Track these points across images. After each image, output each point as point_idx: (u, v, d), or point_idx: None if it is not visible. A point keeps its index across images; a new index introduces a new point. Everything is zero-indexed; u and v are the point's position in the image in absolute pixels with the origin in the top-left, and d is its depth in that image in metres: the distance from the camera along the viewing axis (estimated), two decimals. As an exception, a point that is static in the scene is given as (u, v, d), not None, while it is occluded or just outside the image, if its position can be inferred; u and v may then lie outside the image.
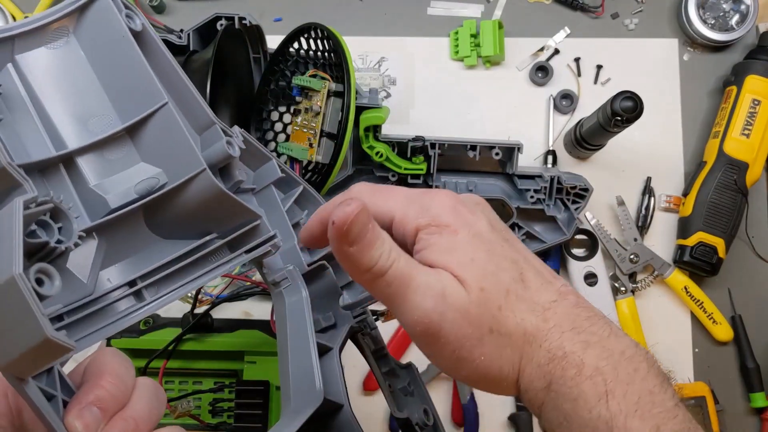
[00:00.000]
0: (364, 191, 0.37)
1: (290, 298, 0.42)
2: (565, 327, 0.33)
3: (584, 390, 0.32)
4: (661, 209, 0.79)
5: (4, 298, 0.26)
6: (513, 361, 0.33)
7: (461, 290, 0.33)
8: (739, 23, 0.79)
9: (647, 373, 0.33)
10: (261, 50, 0.71)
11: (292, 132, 0.67)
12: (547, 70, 0.80)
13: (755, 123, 0.75)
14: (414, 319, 0.33)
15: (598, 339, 0.33)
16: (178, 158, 0.34)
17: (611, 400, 0.31)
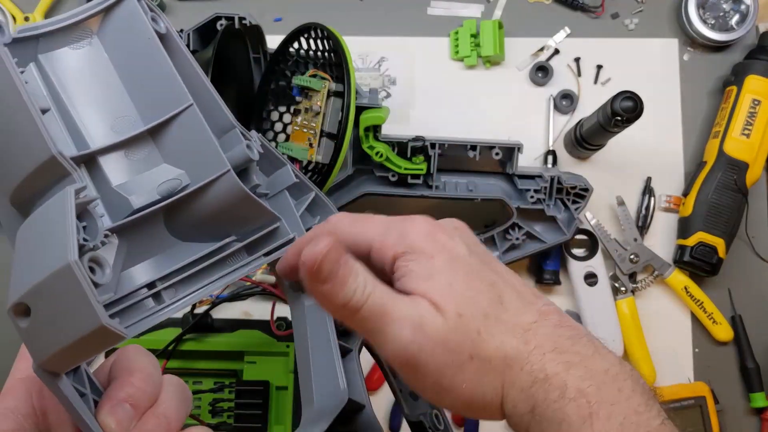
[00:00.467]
0: (341, 221, 0.36)
1: (310, 301, 0.43)
2: (547, 348, 0.33)
3: (568, 413, 0.31)
4: (661, 209, 0.79)
5: (58, 286, 0.27)
6: (495, 386, 0.33)
7: (438, 318, 0.32)
8: (739, 23, 0.79)
9: (632, 392, 0.32)
10: (261, 50, 0.71)
11: (292, 132, 0.67)
12: (547, 70, 0.80)
13: (755, 123, 0.75)
14: (393, 352, 0.33)
15: (580, 359, 0.33)
16: (202, 160, 0.34)
17: (596, 422, 0.31)
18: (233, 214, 0.36)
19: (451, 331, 0.32)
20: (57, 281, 0.27)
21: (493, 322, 0.33)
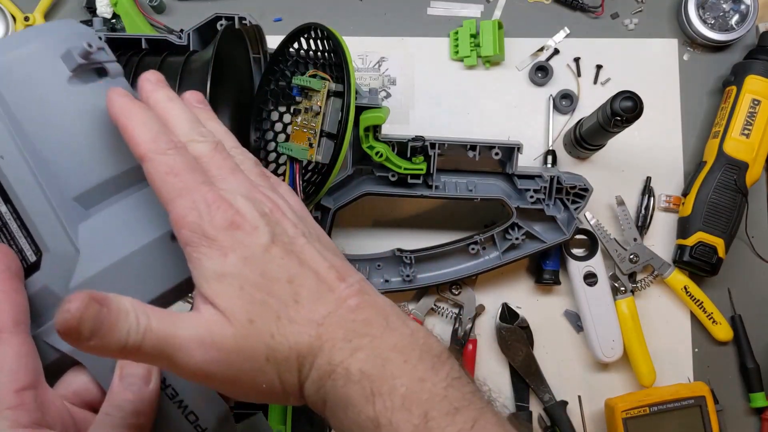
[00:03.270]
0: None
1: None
2: (338, 338, 0.33)
3: (352, 396, 0.32)
4: (660, 209, 0.79)
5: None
6: (293, 382, 0.33)
7: (228, 328, 0.32)
8: (738, 23, 0.79)
9: (418, 361, 0.33)
10: (261, 50, 0.71)
11: (291, 132, 0.67)
12: (547, 70, 0.80)
13: (755, 123, 0.75)
14: (186, 373, 0.32)
15: (369, 340, 0.33)
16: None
17: (377, 399, 0.31)
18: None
19: (243, 339, 0.32)
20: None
21: (286, 323, 0.33)
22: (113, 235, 0.35)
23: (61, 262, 0.34)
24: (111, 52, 0.37)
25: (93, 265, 0.34)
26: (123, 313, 0.30)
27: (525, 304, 0.78)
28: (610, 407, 0.74)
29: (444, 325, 0.77)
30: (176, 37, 0.67)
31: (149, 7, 0.81)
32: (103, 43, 0.36)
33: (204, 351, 0.31)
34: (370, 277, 0.75)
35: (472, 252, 0.74)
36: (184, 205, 0.33)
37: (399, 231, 0.79)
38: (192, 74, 0.62)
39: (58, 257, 0.34)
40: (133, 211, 0.36)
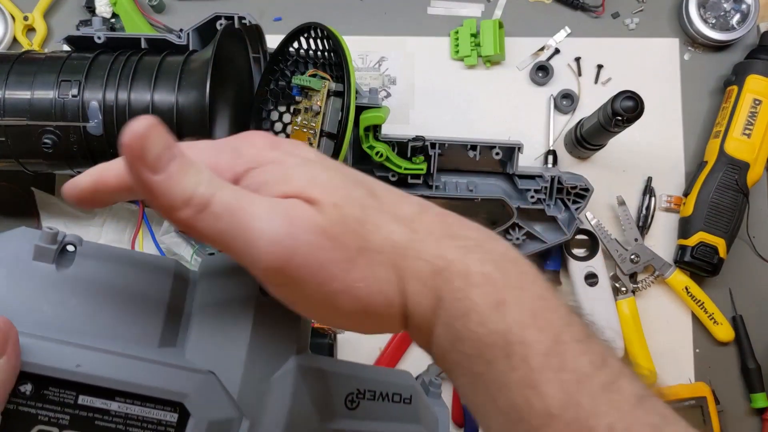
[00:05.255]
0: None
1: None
2: (438, 234, 0.28)
3: (475, 301, 0.27)
4: (661, 209, 0.79)
5: None
6: (392, 280, 0.28)
7: (311, 209, 0.27)
8: (739, 23, 0.79)
9: (536, 276, 0.28)
10: (261, 50, 0.71)
11: (292, 132, 0.67)
12: (548, 70, 0.80)
13: (756, 123, 0.75)
14: (263, 252, 0.26)
15: (475, 243, 0.28)
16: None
17: (505, 309, 0.27)
18: None
19: (332, 223, 0.27)
20: None
21: (373, 212, 0.28)
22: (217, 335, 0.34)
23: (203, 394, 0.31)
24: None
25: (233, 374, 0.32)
26: (196, 166, 0.26)
27: (525, 304, 0.78)
28: (610, 408, 0.73)
29: (444, 326, 0.77)
30: (176, 37, 0.67)
31: (149, 6, 0.80)
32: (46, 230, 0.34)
33: (284, 224, 0.26)
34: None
35: (473, 252, 0.74)
36: (215, 156, 0.29)
37: (399, 231, 0.79)
38: (192, 74, 0.62)
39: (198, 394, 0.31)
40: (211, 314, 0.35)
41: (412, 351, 0.77)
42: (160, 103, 0.61)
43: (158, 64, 0.63)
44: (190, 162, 0.26)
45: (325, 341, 0.68)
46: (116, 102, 0.61)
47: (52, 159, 0.64)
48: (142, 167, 0.25)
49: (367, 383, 0.36)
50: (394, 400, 0.36)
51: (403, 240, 0.28)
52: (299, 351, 0.33)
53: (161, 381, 0.31)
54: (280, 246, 0.26)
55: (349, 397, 0.35)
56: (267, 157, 0.29)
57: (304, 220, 0.26)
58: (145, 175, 0.25)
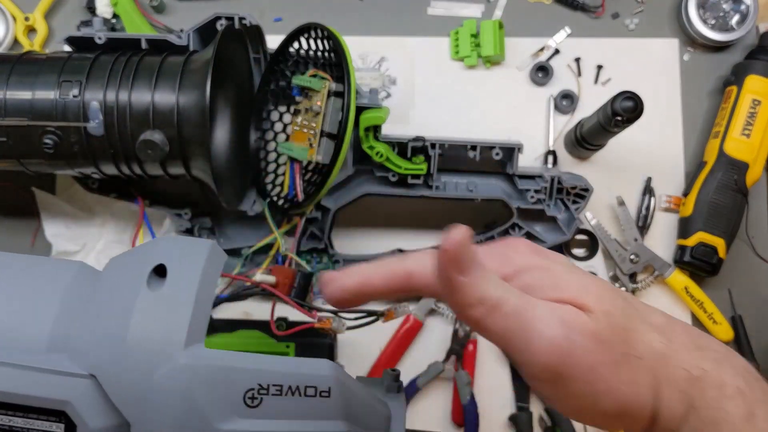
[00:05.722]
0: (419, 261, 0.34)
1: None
2: (690, 345, 0.31)
3: (729, 411, 0.29)
4: (661, 209, 0.79)
5: None
6: (650, 385, 0.30)
7: (585, 317, 0.30)
8: (739, 23, 0.79)
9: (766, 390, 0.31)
10: (261, 50, 0.71)
11: (292, 132, 0.67)
12: (548, 70, 0.80)
13: (755, 123, 0.75)
14: (540, 352, 0.30)
15: (723, 356, 0.31)
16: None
17: (755, 421, 0.29)
18: None
19: (603, 329, 0.30)
20: None
21: (635, 320, 0.31)
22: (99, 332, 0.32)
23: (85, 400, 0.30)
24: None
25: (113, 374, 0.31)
26: (489, 271, 0.30)
27: (525, 304, 0.78)
28: (610, 407, 0.74)
29: (444, 326, 0.77)
30: (176, 37, 0.67)
31: (149, 7, 0.80)
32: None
33: (562, 328, 0.29)
34: (371, 278, 0.75)
35: (473, 252, 0.74)
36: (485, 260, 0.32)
37: (399, 231, 0.79)
38: (192, 74, 0.62)
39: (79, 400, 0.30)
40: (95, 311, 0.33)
41: (411, 351, 0.77)
42: (160, 104, 0.61)
43: (159, 65, 0.63)
44: (486, 268, 0.30)
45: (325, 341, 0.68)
46: (117, 102, 0.61)
47: (53, 159, 0.64)
48: (453, 269, 0.29)
49: (272, 376, 0.31)
50: (307, 394, 0.32)
51: (662, 348, 0.31)
52: (189, 345, 0.31)
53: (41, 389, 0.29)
54: (557, 347, 0.29)
55: (248, 393, 0.31)
56: (533, 263, 0.33)
57: (580, 326, 0.30)
58: (454, 276, 0.30)
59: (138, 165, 0.64)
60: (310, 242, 0.74)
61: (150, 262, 0.32)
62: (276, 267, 0.66)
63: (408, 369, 0.77)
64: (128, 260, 0.34)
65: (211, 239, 0.35)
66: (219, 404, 0.31)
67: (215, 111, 0.72)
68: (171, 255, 0.33)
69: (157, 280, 0.32)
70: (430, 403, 0.76)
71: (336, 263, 0.75)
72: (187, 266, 0.32)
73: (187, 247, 0.34)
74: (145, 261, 0.32)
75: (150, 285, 0.31)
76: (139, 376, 0.30)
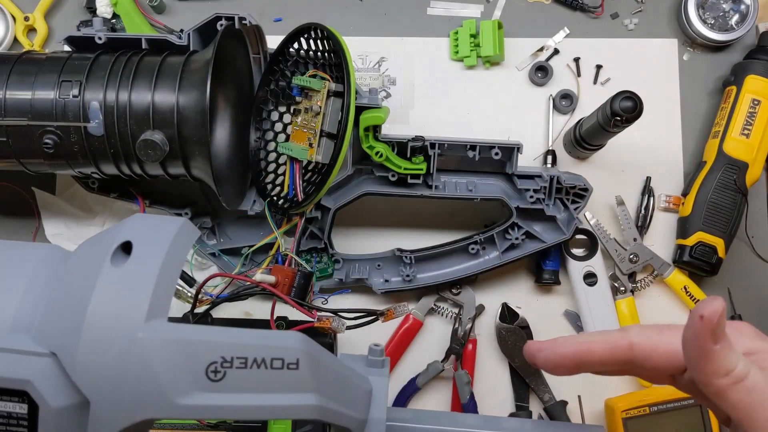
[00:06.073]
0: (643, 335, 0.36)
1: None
2: None
3: None
4: (660, 209, 0.79)
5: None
6: None
7: None
8: (738, 23, 0.79)
9: None
10: (261, 50, 0.71)
11: (292, 132, 0.67)
12: (547, 70, 0.80)
13: (755, 123, 0.75)
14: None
15: None
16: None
17: None
18: None
19: None
20: None
21: None
22: (60, 309, 0.32)
23: (45, 379, 0.30)
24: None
25: (72, 351, 0.30)
26: (731, 345, 0.32)
27: (525, 304, 0.78)
28: (610, 407, 0.74)
29: (444, 325, 0.78)
30: (176, 37, 0.67)
31: (149, 7, 0.81)
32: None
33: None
34: (370, 277, 0.75)
35: (472, 252, 0.74)
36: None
37: (399, 231, 0.79)
38: (192, 74, 0.62)
39: (40, 380, 0.29)
40: (60, 288, 0.33)
41: (411, 351, 0.77)
42: (160, 104, 0.61)
43: (159, 65, 0.63)
44: (730, 340, 0.31)
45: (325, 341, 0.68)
46: (117, 102, 0.62)
47: (53, 159, 0.64)
48: (710, 337, 0.30)
49: (236, 349, 0.30)
50: (274, 366, 0.31)
51: None
52: (150, 320, 0.30)
53: (1, 368, 0.29)
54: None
55: (211, 366, 0.30)
56: (758, 346, 0.34)
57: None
58: (707, 344, 0.31)
59: (138, 165, 0.64)
60: (310, 242, 0.74)
61: (116, 240, 0.32)
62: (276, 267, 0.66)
63: (408, 368, 0.77)
64: (97, 239, 0.34)
65: (183, 217, 0.34)
66: (179, 379, 0.29)
67: (215, 111, 0.72)
68: (138, 232, 0.32)
69: (122, 256, 0.31)
70: (430, 402, 0.76)
71: (336, 263, 0.75)
72: (152, 242, 0.32)
73: (156, 224, 0.33)
74: (112, 239, 0.32)
75: (114, 261, 0.31)
76: (97, 352, 0.29)
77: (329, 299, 0.75)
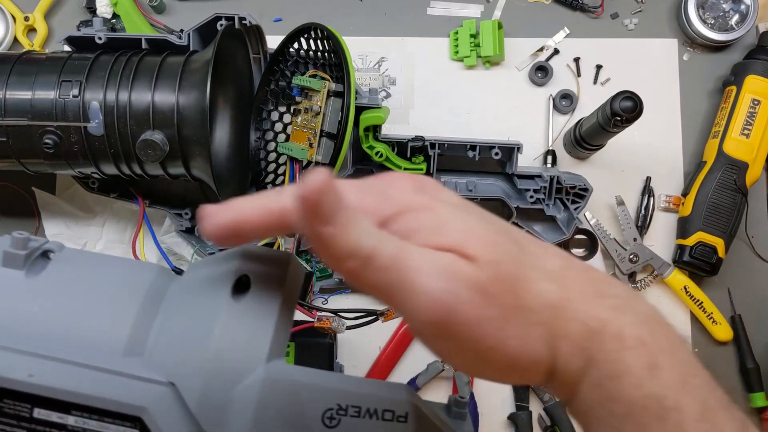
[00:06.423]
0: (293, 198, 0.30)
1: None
2: (588, 293, 0.28)
3: (630, 364, 0.27)
4: (660, 209, 0.79)
5: None
6: (544, 339, 0.28)
7: (471, 266, 0.27)
8: (738, 23, 0.79)
9: (680, 339, 0.28)
10: (261, 50, 0.71)
11: (292, 132, 0.67)
12: (547, 70, 0.80)
13: (755, 123, 0.75)
14: (423, 307, 0.26)
15: (624, 302, 0.29)
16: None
17: (659, 373, 0.27)
18: None
19: (489, 280, 0.27)
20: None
21: (526, 268, 0.28)
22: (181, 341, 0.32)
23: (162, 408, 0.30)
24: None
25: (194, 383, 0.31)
26: (359, 216, 0.26)
27: (525, 304, 0.78)
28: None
29: (444, 325, 0.77)
30: (176, 37, 0.67)
31: (149, 7, 0.81)
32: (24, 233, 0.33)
33: (447, 280, 0.26)
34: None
35: (472, 252, 0.74)
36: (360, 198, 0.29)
37: (399, 231, 0.79)
38: (192, 74, 0.62)
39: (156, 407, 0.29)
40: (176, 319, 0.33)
41: (411, 351, 0.77)
42: (160, 104, 0.61)
43: (159, 65, 0.63)
44: (355, 213, 0.26)
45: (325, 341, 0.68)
46: (117, 102, 0.62)
47: (53, 159, 0.64)
48: (315, 219, 0.25)
49: (351, 397, 0.30)
50: (384, 417, 0.31)
51: (556, 299, 0.28)
52: (271, 359, 0.30)
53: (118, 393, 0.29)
54: (440, 302, 0.26)
55: (327, 413, 0.30)
56: (415, 202, 0.29)
57: (464, 277, 0.27)
58: (317, 227, 0.26)
59: (138, 165, 0.64)
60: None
61: (233, 272, 0.32)
62: (276, 267, 0.66)
63: (407, 368, 0.77)
64: (210, 268, 0.34)
65: (289, 251, 0.34)
66: (297, 421, 0.30)
67: (215, 111, 0.72)
68: (254, 266, 0.32)
69: (240, 291, 0.32)
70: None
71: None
72: (269, 279, 0.32)
73: (269, 259, 0.33)
74: (228, 270, 0.32)
75: (234, 296, 0.31)
76: (220, 386, 0.29)
77: (329, 299, 0.75)
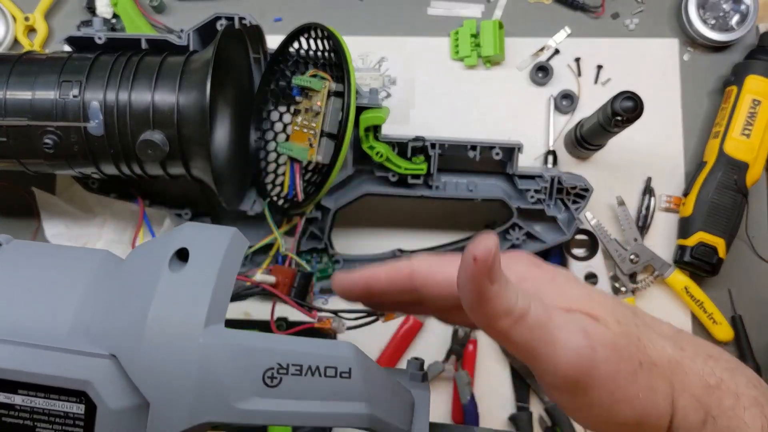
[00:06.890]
0: (423, 261, 0.34)
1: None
2: (702, 354, 0.31)
3: (746, 422, 0.29)
4: (661, 209, 0.79)
5: None
6: (667, 393, 0.30)
7: (601, 326, 0.30)
8: (739, 23, 0.79)
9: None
10: (261, 50, 0.71)
11: (292, 132, 0.67)
12: (548, 70, 0.80)
13: (755, 123, 0.75)
14: (565, 362, 0.29)
15: (735, 365, 0.31)
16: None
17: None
18: None
19: (618, 337, 0.30)
20: None
21: (645, 328, 0.31)
22: (119, 313, 0.33)
23: (105, 381, 0.31)
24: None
25: (134, 354, 0.32)
26: (509, 279, 0.29)
27: (525, 304, 0.78)
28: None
29: (444, 326, 0.77)
30: (176, 37, 0.67)
31: (149, 7, 0.80)
32: None
33: (584, 338, 0.29)
34: (371, 278, 0.75)
35: (473, 252, 0.74)
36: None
37: (399, 231, 0.79)
38: (192, 74, 0.62)
39: (100, 381, 0.30)
40: (117, 292, 0.34)
41: (412, 350, 0.77)
42: (160, 104, 0.61)
43: (159, 65, 0.63)
44: (507, 277, 0.28)
45: (325, 341, 0.68)
46: (117, 102, 0.61)
47: (53, 159, 0.64)
48: (486, 278, 0.27)
49: (292, 356, 0.31)
50: (327, 374, 0.31)
51: (676, 356, 0.30)
52: (209, 325, 0.31)
53: (61, 369, 0.30)
54: (582, 357, 0.29)
55: (268, 372, 0.31)
56: (533, 274, 0.32)
57: (599, 334, 0.29)
58: (485, 285, 0.28)
59: (138, 165, 0.64)
60: (310, 242, 0.74)
61: (172, 246, 0.33)
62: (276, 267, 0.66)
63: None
64: (151, 246, 0.35)
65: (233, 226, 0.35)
66: (238, 383, 0.30)
67: (215, 111, 0.72)
68: (193, 240, 0.33)
69: (179, 263, 0.32)
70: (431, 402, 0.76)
71: (336, 263, 0.75)
72: (208, 250, 0.33)
73: (210, 232, 0.34)
74: (168, 245, 0.33)
75: (171, 267, 0.32)
76: (159, 355, 0.30)
77: (329, 299, 0.75)
